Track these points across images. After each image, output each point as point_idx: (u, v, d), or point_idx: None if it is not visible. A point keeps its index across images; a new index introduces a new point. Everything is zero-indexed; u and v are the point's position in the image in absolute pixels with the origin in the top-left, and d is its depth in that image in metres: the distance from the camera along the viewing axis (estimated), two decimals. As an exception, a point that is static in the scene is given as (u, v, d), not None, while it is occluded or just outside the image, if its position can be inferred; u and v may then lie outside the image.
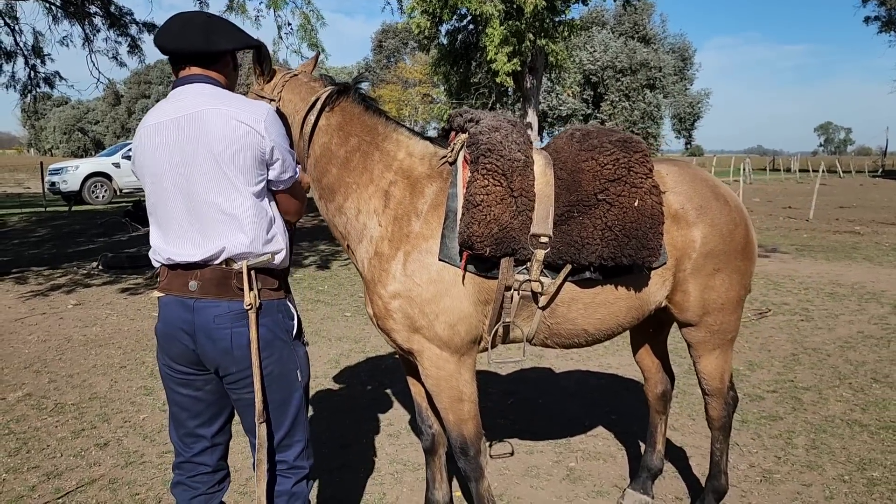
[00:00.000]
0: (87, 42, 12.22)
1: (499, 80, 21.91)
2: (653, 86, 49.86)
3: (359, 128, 2.93)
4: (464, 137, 2.92)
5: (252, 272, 2.34)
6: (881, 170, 52.46)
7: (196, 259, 2.31)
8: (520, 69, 22.33)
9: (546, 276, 2.84)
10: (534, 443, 4.41)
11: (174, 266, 2.36)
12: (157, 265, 2.44)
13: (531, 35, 21.18)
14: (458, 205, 2.78)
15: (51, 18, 12.25)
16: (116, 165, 22.90)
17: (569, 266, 2.81)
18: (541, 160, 2.93)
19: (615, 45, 49.01)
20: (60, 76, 13.75)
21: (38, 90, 13.48)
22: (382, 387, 5.42)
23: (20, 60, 13.19)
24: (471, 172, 2.78)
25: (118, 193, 23.34)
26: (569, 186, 2.85)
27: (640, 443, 4.28)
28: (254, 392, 2.36)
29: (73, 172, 22.50)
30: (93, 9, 11.99)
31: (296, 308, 2.59)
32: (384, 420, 4.76)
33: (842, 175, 44.85)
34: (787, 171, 49.66)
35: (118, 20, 12.37)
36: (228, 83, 2.49)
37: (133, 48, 13.70)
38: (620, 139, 2.93)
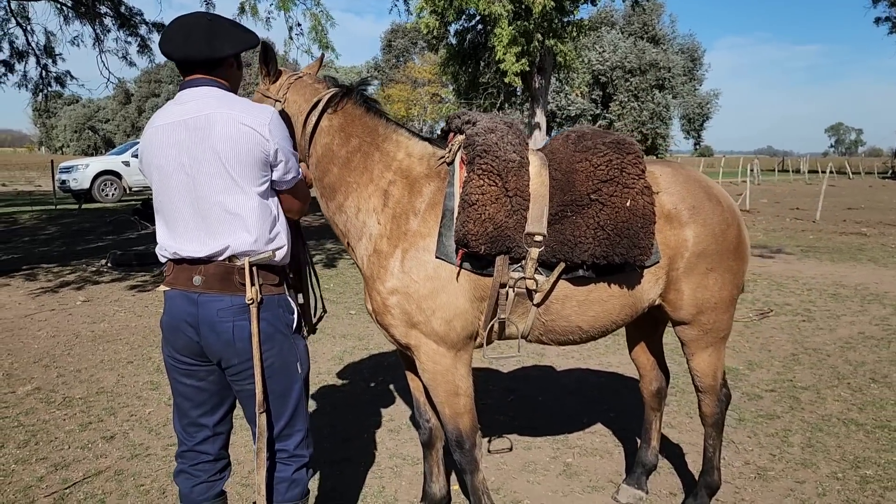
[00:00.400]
0: (98, 42, 12.38)
1: (507, 81, 21.95)
2: (662, 86, 49.75)
3: (360, 129, 3.01)
4: (461, 138, 2.99)
5: (254, 268, 2.43)
6: (891, 171, 52.13)
7: (201, 255, 2.40)
8: (528, 69, 22.37)
9: (540, 274, 2.90)
10: (532, 439, 4.48)
11: (180, 261, 2.45)
12: (164, 260, 2.53)
13: (540, 35, 21.22)
14: (455, 204, 2.86)
15: (62, 19, 12.46)
16: (126, 164, 22.97)
17: (562, 264, 2.88)
18: (536, 161, 3.00)
19: (624, 46, 48.92)
20: (71, 75, 13.93)
21: (50, 89, 13.65)
22: (384, 383, 5.49)
23: (32, 60, 13.43)
24: (467, 173, 2.86)
25: (128, 192, 23.48)
26: (563, 187, 2.92)
27: (637, 439, 4.32)
28: (255, 383, 2.45)
29: (83, 171, 22.64)
30: (103, 9, 12.13)
31: (296, 302, 2.68)
32: (385, 415, 4.83)
33: (851, 176, 44.64)
34: (797, 173, 49.51)
35: (128, 20, 12.52)
36: (233, 83, 2.57)
37: (143, 48, 13.86)
38: (614, 141, 2.99)
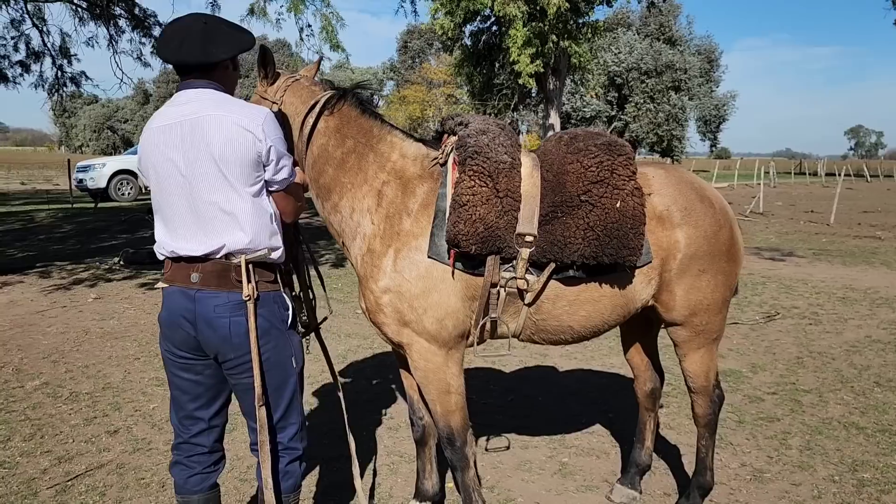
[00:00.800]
0: (113, 43, 12.55)
1: (521, 82, 22.00)
2: (678, 88, 49.50)
3: (355, 130, 3.06)
4: (454, 140, 3.03)
5: (250, 266, 2.49)
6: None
7: (198, 254, 2.47)
8: (543, 71, 22.40)
9: (531, 274, 2.94)
10: (530, 438, 4.50)
11: (178, 259, 2.52)
12: (162, 258, 2.59)
13: (554, 36, 21.24)
14: (447, 204, 2.89)
15: (77, 20, 12.64)
16: None
17: (552, 264, 2.91)
18: (528, 162, 3.04)
19: (640, 47, 48.74)
20: (86, 76, 14.12)
21: (65, 89, 13.84)
22: (386, 382, 5.54)
23: (48, 60, 13.63)
24: (459, 174, 2.89)
25: (143, 191, 23.65)
26: (554, 188, 2.95)
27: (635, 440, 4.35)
28: (251, 377, 2.52)
29: (100, 170, 22.88)
30: (118, 10, 12.29)
31: (291, 299, 2.74)
32: (385, 414, 4.88)
33: (869, 179, 44.20)
34: (814, 175, 49.09)
35: (142, 22, 12.67)
36: (229, 85, 2.62)
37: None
38: (605, 142, 3.02)
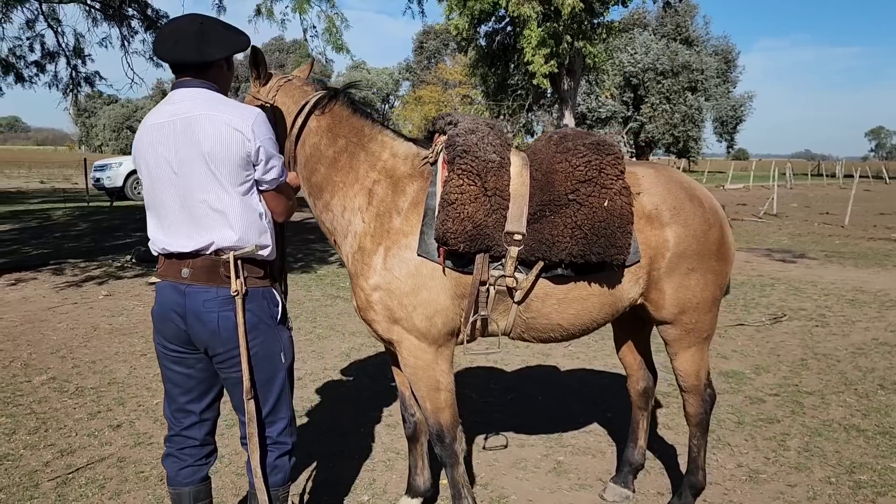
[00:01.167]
0: (125, 44, 12.73)
1: (536, 82, 21.95)
2: (694, 88, 49.21)
3: (347, 129, 3.10)
4: (444, 139, 3.06)
5: (239, 262, 2.54)
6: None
7: (188, 250, 2.52)
8: (557, 71, 22.34)
9: (521, 272, 2.96)
10: (527, 437, 4.52)
11: (169, 255, 2.58)
12: (155, 254, 2.65)
13: (569, 37, 21.18)
14: (436, 203, 2.93)
15: (91, 21, 12.81)
16: None
17: (541, 263, 2.93)
18: (518, 161, 3.06)
19: (657, 47, 48.51)
20: (100, 76, 14.33)
21: (79, 89, 14.03)
22: (387, 380, 5.56)
23: (62, 61, 13.82)
24: (448, 172, 2.92)
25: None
26: (542, 186, 2.97)
27: (631, 440, 4.36)
28: (239, 371, 2.57)
29: (117, 169, 23.08)
30: (130, 11, 12.45)
31: (281, 296, 2.78)
32: (384, 412, 4.91)
33: (888, 181, 43.68)
34: (832, 177, 48.61)
35: (154, 23, 12.78)
36: (223, 84, 2.66)
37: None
38: (594, 142, 3.04)
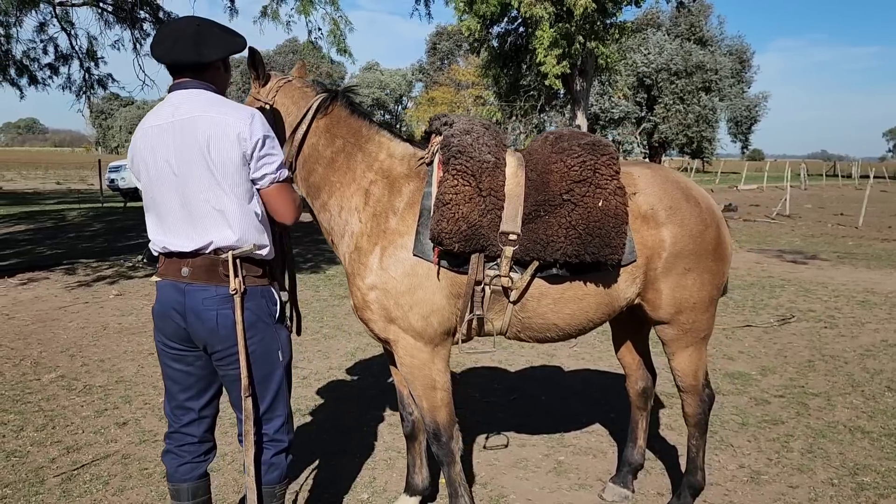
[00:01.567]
0: (137, 46, 12.85)
1: (548, 83, 21.91)
2: (708, 88, 48.95)
3: (344, 130, 3.12)
4: (440, 140, 3.08)
5: (237, 261, 2.57)
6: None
7: (188, 249, 2.56)
8: (569, 72, 22.28)
9: (516, 272, 2.97)
10: (528, 436, 4.53)
11: (170, 254, 2.61)
12: (156, 254, 2.69)
13: (581, 37, 21.12)
14: (432, 203, 2.94)
15: (103, 23, 12.94)
16: None
17: (536, 262, 2.94)
18: (513, 162, 3.07)
19: (670, 47, 48.28)
20: (113, 78, 14.49)
21: (93, 91, 14.19)
22: (391, 380, 5.59)
23: (75, 63, 13.98)
24: (443, 173, 2.94)
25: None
26: (537, 187, 2.98)
27: (632, 440, 4.36)
28: (237, 369, 2.61)
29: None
30: (142, 14, 12.56)
31: (280, 294, 2.81)
32: (387, 411, 4.94)
33: (906, 182, 43.26)
34: (848, 177, 48.17)
35: (166, 25, 12.82)
36: (220, 85, 2.70)
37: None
38: (589, 142, 3.04)
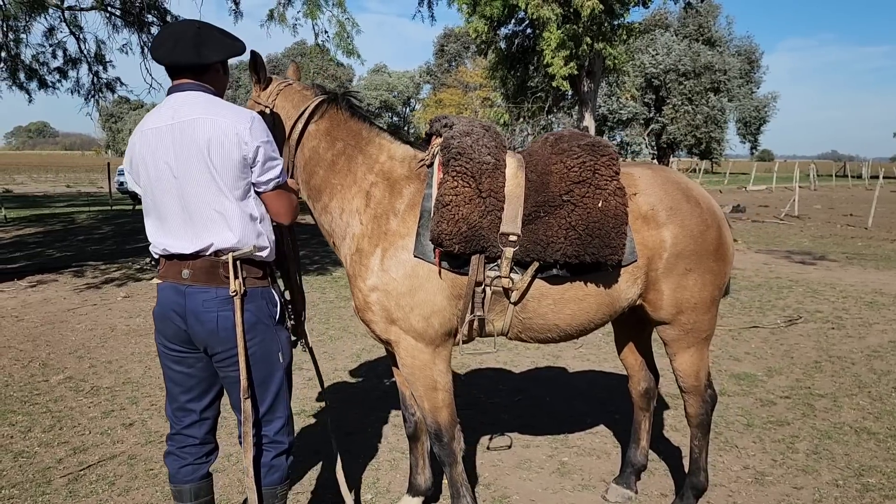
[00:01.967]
0: (145, 49, 12.88)
1: (555, 84, 21.90)
2: (717, 89, 48.80)
3: (345, 133, 3.14)
4: (440, 141, 3.09)
5: (238, 262, 2.58)
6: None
7: (188, 251, 2.56)
8: (577, 73, 22.25)
9: (516, 273, 2.98)
10: (532, 437, 4.54)
11: (170, 256, 2.62)
12: (156, 256, 2.70)
13: (588, 39, 21.09)
14: (432, 205, 2.96)
15: (111, 27, 13.01)
16: None
17: (536, 263, 2.95)
18: (513, 163, 3.08)
19: (678, 48, 48.15)
20: (121, 81, 14.57)
21: (101, 95, 14.29)
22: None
23: (84, 67, 14.06)
24: (443, 174, 2.95)
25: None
26: (537, 188, 2.99)
27: (636, 441, 4.35)
28: (237, 370, 2.61)
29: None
30: (150, 18, 12.63)
31: (280, 296, 2.82)
32: (391, 412, 4.94)
33: (917, 182, 42.95)
34: (858, 178, 47.90)
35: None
36: (219, 88, 2.72)
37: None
38: (589, 143, 3.05)
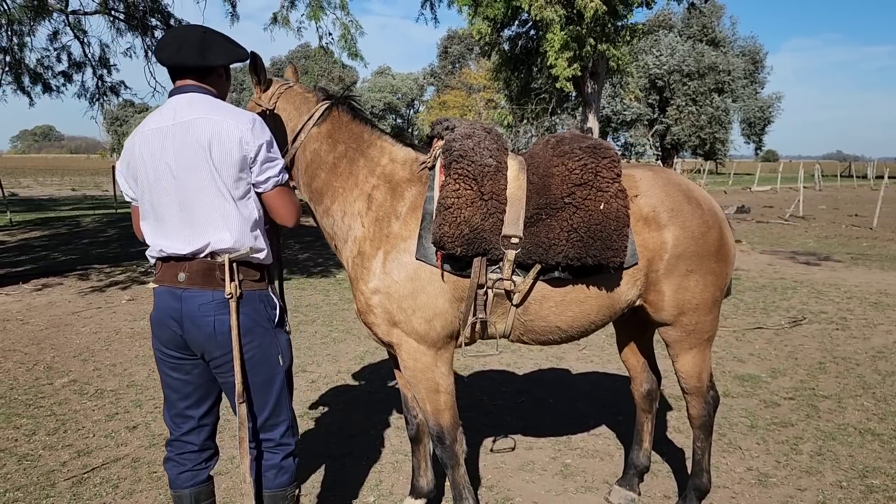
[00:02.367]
0: (149, 53, 12.91)
1: (559, 86, 21.89)
2: (721, 90, 48.80)
3: (346, 135, 3.15)
4: (441, 144, 3.10)
5: (234, 265, 2.56)
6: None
7: (184, 252, 2.55)
8: (580, 74, 22.24)
9: (518, 276, 2.99)
10: (535, 439, 4.54)
11: (167, 259, 2.59)
12: (153, 260, 2.67)
13: (592, 40, 21.09)
14: (434, 207, 2.96)
15: (115, 31, 13.06)
16: None
17: (538, 266, 2.95)
18: (515, 165, 3.09)
19: (682, 49, 48.17)
20: (125, 85, 14.62)
21: (106, 98, 14.33)
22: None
23: (88, 71, 14.11)
24: (444, 177, 2.96)
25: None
26: (539, 190, 2.99)
27: (639, 443, 4.35)
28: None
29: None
30: (154, 22, 12.68)
31: (280, 299, 2.82)
32: (395, 414, 4.95)
33: (922, 182, 42.77)
34: (863, 178, 47.75)
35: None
36: (220, 92, 2.73)
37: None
38: (591, 145, 3.05)
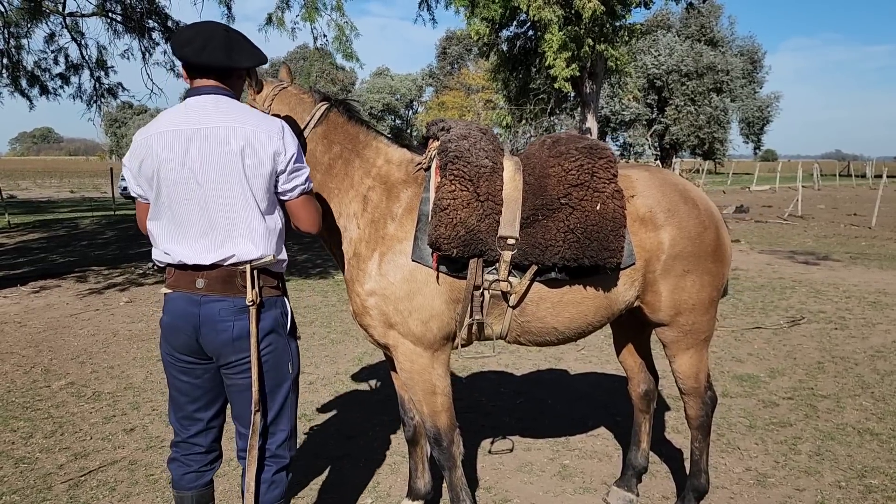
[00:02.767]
0: (146, 55, 12.95)
1: (557, 86, 21.89)
2: (720, 89, 48.82)
3: (342, 136, 3.14)
4: (437, 145, 3.09)
5: (255, 272, 2.53)
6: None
7: (207, 262, 2.49)
8: (579, 74, 22.24)
9: (515, 277, 2.98)
10: (533, 440, 4.53)
11: (183, 266, 2.53)
12: (163, 265, 2.61)
13: (590, 40, 21.09)
14: (430, 209, 2.95)
15: (112, 33, 13.06)
16: None
17: (534, 267, 2.94)
18: (511, 166, 3.08)
19: (681, 49, 48.20)
20: (123, 87, 14.57)
21: (103, 100, 14.30)
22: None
23: (86, 73, 14.10)
24: (440, 178, 2.95)
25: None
26: (535, 191, 2.99)
27: (638, 443, 4.34)
28: (247, 377, 2.56)
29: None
30: (151, 24, 12.67)
31: (290, 306, 2.79)
32: (392, 416, 4.93)
33: (921, 181, 42.80)
34: (862, 177, 47.78)
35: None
36: (237, 93, 2.66)
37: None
38: (587, 146, 3.05)
